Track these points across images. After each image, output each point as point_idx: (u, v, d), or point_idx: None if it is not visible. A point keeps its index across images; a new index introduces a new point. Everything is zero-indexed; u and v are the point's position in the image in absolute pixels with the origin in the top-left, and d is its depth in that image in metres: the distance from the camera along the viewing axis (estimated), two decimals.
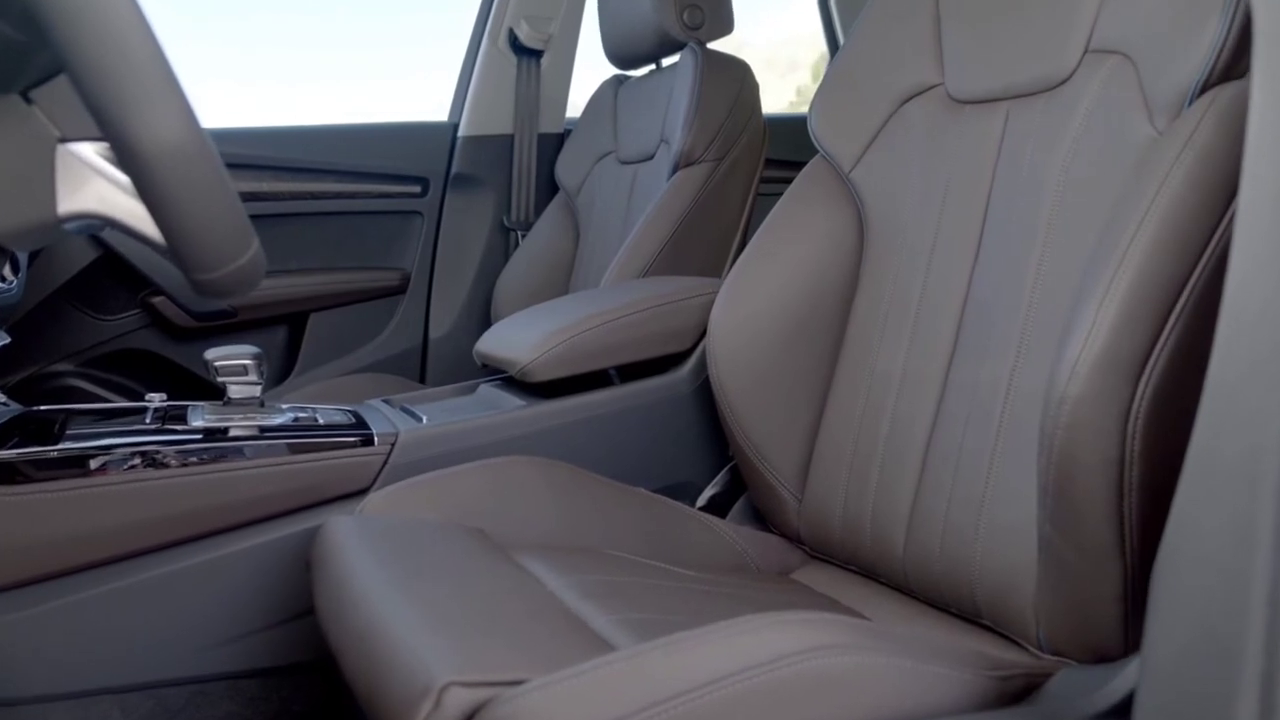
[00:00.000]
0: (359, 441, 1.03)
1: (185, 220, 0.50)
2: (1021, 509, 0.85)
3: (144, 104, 0.47)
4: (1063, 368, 0.71)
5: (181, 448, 0.96)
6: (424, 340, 1.98)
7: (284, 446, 0.99)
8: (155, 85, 0.47)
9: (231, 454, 0.97)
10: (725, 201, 1.57)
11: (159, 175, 0.49)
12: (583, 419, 1.14)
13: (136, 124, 0.47)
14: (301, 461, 0.99)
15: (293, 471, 0.98)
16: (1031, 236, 0.91)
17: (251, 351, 1.02)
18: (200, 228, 0.51)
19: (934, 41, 1.07)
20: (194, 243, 0.52)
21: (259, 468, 0.97)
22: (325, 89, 3.78)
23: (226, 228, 0.52)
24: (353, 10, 3.62)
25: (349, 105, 3.69)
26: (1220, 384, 0.47)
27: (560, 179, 1.97)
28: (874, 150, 1.11)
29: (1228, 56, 0.75)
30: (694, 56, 1.60)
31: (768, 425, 1.10)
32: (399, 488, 0.96)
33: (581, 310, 1.18)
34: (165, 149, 0.48)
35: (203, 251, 0.52)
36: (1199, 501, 0.49)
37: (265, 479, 0.97)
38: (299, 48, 3.89)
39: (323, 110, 3.78)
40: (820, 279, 1.10)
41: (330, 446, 1.01)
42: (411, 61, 4.51)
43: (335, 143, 1.88)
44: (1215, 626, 0.46)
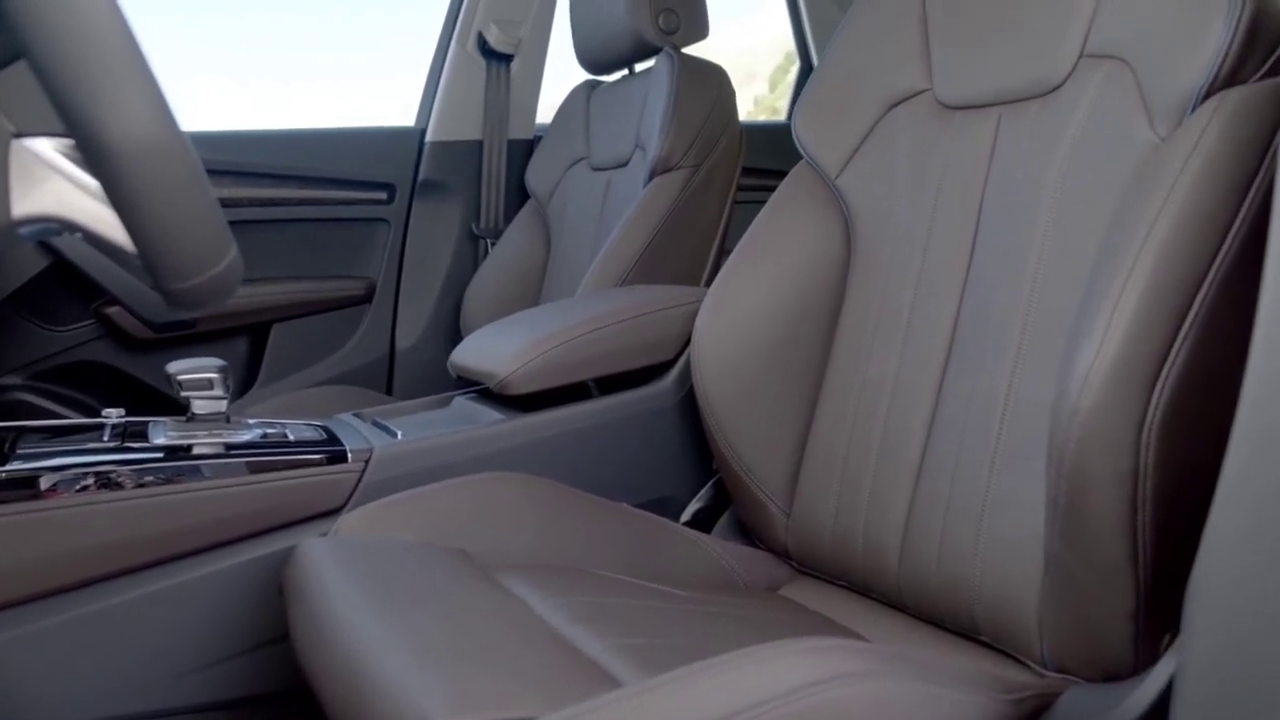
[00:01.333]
0: (331, 458, 0.98)
1: (158, 224, 0.46)
2: (1023, 521, 0.83)
3: (114, 94, 0.42)
4: (1074, 378, 0.69)
5: (142, 467, 0.90)
6: (390, 351, 1.92)
7: (252, 465, 0.94)
8: (126, 73, 0.43)
9: (196, 473, 0.92)
10: (703, 208, 1.54)
11: (130, 174, 0.44)
12: (564, 433, 1.10)
13: (106, 116, 0.43)
14: (271, 480, 0.94)
15: (261, 491, 0.93)
16: (1028, 243, 0.89)
17: (217, 365, 0.97)
18: (175, 232, 0.47)
19: (921, 46, 1.05)
20: (167, 248, 0.47)
21: (225, 488, 0.92)
22: (316, 88, 3.71)
23: (203, 232, 0.48)
24: (344, 8, 3.56)
25: (339, 105, 3.61)
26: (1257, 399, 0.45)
27: (531, 186, 1.93)
28: (860, 156, 1.09)
29: (1233, 61, 0.73)
30: (670, 61, 1.57)
31: (754, 437, 1.07)
32: (375, 507, 0.91)
33: (562, 320, 1.14)
34: (137, 144, 0.44)
35: (177, 258, 0.48)
36: (1236, 515, 0.46)
37: (232, 499, 0.92)
38: (292, 46, 3.82)
39: (315, 110, 3.70)
40: (807, 286, 1.08)
41: (301, 464, 0.96)
42: (389, 61, 4.45)
43: (298, 147, 1.83)
44: (1254, 642, 0.44)
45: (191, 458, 0.93)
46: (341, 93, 3.86)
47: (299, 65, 3.63)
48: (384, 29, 3.55)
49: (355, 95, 3.64)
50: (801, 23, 2.39)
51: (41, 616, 0.87)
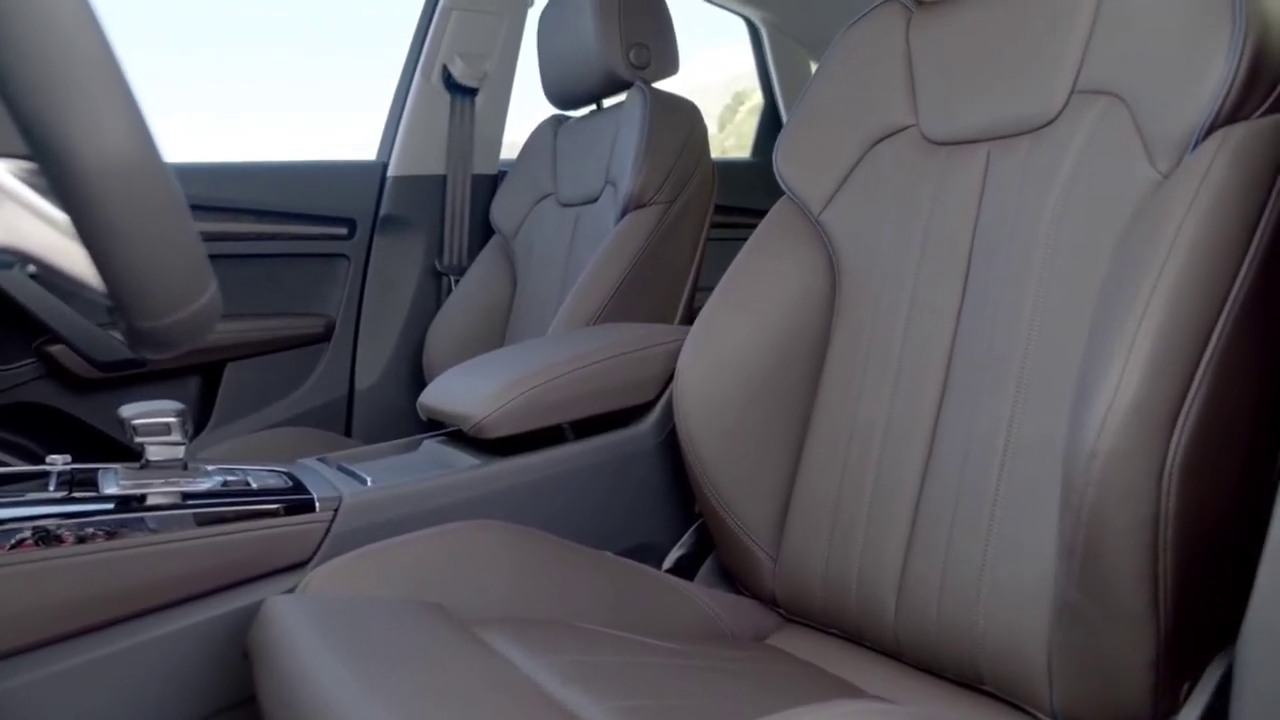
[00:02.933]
0: (297, 508, 0.92)
1: (133, 255, 0.41)
2: (1028, 567, 0.80)
3: (87, 109, 0.38)
4: (1090, 421, 0.66)
5: (92, 519, 0.84)
6: (350, 392, 1.86)
7: (212, 516, 0.88)
8: (101, 85, 0.38)
9: (150, 525, 0.85)
10: (676, 245, 1.51)
11: (103, 199, 0.39)
12: (542, 478, 1.06)
13: (78, 134, 0.38)
14: (232, 533, 0.87)
15: (223, 544, 0.87)
16: (1024, 280, 0.87)
17: (174, 408, 0.91)
18: (151, 264, 0.42)
19: (906, 82, 1.04)
20: (142, 282, 0.42)
21: (183, 541, 0.85)
22: (262, 120, 3.63)
23: (182, 264, 0.43)
24: (294, 45, 3.51)
25: (303, 138, 3.54)
26: None
27: (496, 221, 1.89)
28: (845, 192, 1.07)
29: (1236, 97, 0.73)
30: (642, 96, 1.55)
31: (739, 480, 1.04)
32: (346, 560, 0.85)
33: (539, 360, 1.10)
34: (113, 166, 0.39)
35: (151, 293, 0.43)
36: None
37: (190, 554, 0.86)
38: (238, 79, 3.74)
39: (264, 143, 3.63)
40: (792, 324, 1.05)
41: (265, 514, 0.90)
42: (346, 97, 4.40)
43: (255, 180, 1.77)
44: None
45: (146, 509, 0.87)
46: (302, 125, 3.80)
47: (238, 98, 3.57)
48: (323, 64, 3.52)
49: (316, 128, 3.58)
50: (765, 61, 2.39)
51: None
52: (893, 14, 1.07)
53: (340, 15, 3.63)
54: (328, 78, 4.04)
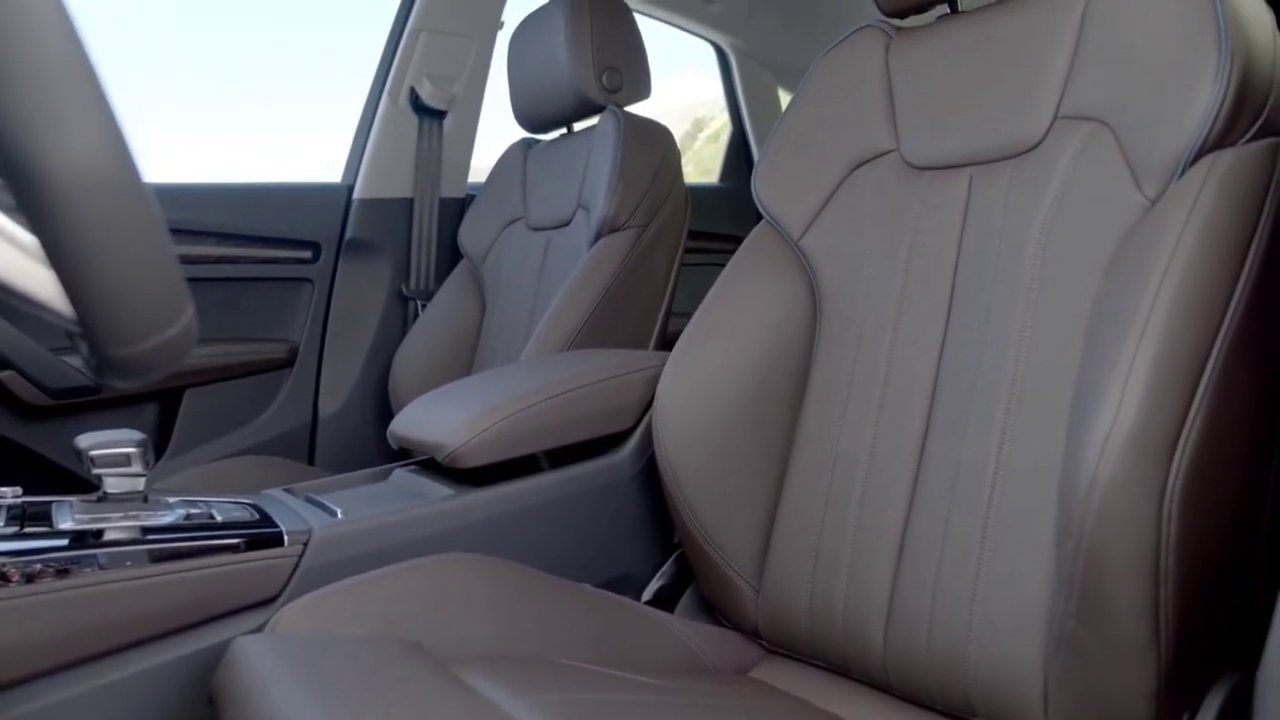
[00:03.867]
0: (265, 542, 0.88)
1: (106, 277, 0.38)
2: (1021, 596, 0.79)
3: (59, 118, 0.35)
4: (1088, 448, 0.65)
5: (43, 556, 0.79)
6: (313, 419, 1.81)
7: (174, 551, 0.83)
8: (75, 93, 0.35)
9: (109, 562, 0.81)
10: (651, 269, 1.49)
11: (75, 215, 0.36)
12: (519, 508, 1.03)
13: (48, 143, 0.35)
14: (195, 568, 0.83)
15: (185, 581, 0.82)
16: (1010, 305, 0.86)
17: (135, 438, 0.87)
18: (125, 288, 0.38)
19: (886, 106, 1.04)
20: (114, 307, 0.39)
21: (142, 578, 0.81)
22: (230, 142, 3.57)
23: (159, 286, 0.40)
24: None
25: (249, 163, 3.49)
26: None
27: (464, 245, 1.86)
28: (825, 218, 1.06)
29: (1223, 123, 0.73)
30: (615, 119, 1.54)
31: (721, 508, 1.02)
32: (317, 597, 0.82)
33: (515, 387, 1.07)
34: (85, 179, 0.36)
35: (125, 318, 0.39)
36: None
37: (150, 592, 0.81)
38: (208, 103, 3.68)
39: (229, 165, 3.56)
40: (773, 350, 1.04)
41: (230, 549, 0.86)
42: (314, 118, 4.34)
43: (217, 202, 1.72)
44: None
45: (103, 544, 0.82)
46: (268, 147, 3.73)
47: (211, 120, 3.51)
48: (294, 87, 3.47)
49: (283, 150, 3.53)
50: (734, 87, 2.40)
51: None
52: (872, 39, 1.07)
53: (307, 37, 3.60)
54: (295, 99, 3.99)
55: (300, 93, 4.10)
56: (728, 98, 2.43)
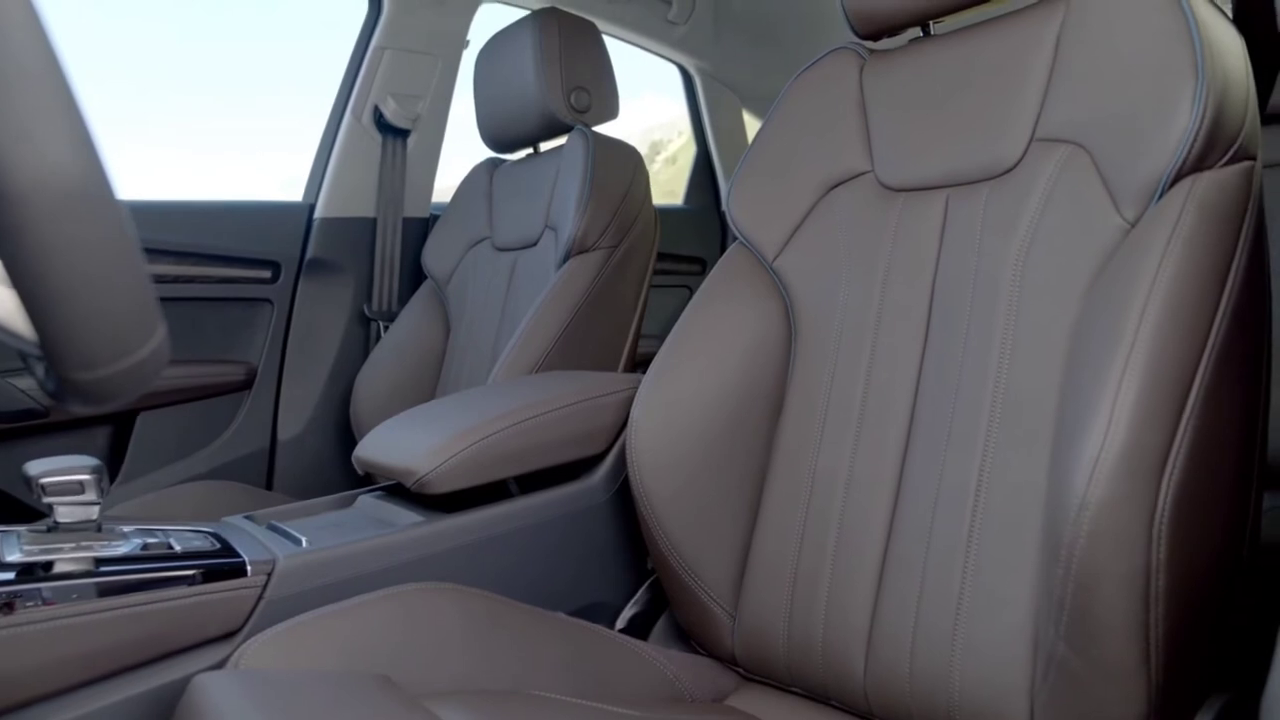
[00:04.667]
0: (227, 572, 0.84)
1: (73, 297, 0.35)
2: (1005, 620, 0.78)
3: (25, 126, 0.32)
4: (1078, 470, 0.65)
5: None
6: (272, 443, 1.76)
7: (130, 583, 0.80)
8: (44, 100, 0.32)
9: (59, 596, 0.77)
10: (620, 291, 1.48)
11: (41, 228, 0.33)
12: (490, 536, 1.00)
13: (12, 154, 0.32)
14: (154, 601, 0.79)
15: (142, 615, 0.79)
16: (989, 326, 0.86)
17: (89, 464, 0.83)
18: (93, 308, 0.36)
19: (860, 128, 1.03)
20: (82, 329, 0.36)
21: (96, 613, 0.77)
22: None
23: (128, 306, 0.37)
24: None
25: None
26: None
27: (428, 266, 1.83)
28: (799, 239, 1.05)
29: (1200, 147, 0.73)
30: (584, 139, 1.52)
31: (697, 534, 1.00)
32: (282, 630, 0.78)
33: (486, 410, 1.05)
34: (55, 190, 0.33)
35: (92, 341, 0.37)
36: None
37: (105, 627, 0.77)
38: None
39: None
40: (748, 372, 1.02)
41: (191, 580, 0.82)
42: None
43: (174, 220, 1.68)
44: None
45: (54, 577, 0.78)
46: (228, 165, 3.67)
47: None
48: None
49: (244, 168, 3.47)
50: (699, 108, 2.40)
51: None
52: (845, 60, 1.07)
53: (264, 54, 3.54)
54: (254, 117, 3.94)
55: (258, 109, 4.04)
56: (692, 120, 2.43)
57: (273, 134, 4.32)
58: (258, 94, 3.68)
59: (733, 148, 2.45)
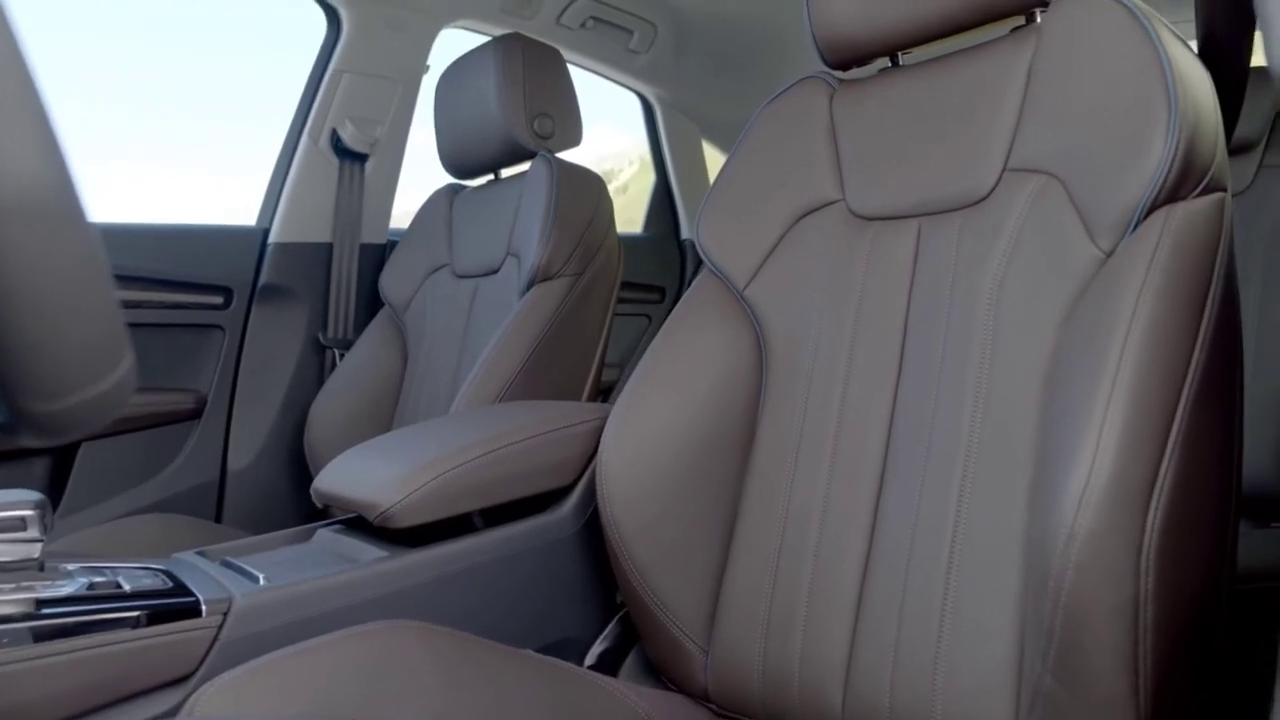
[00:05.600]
0: (179, 612, 0.80)
1: (35, 321, 0.32)
2: (987, 653, 0.77)
3: None
4: (1065, 501, 0.64)
5: None
6: (221, 474, 1.71)
7: (76, 625, 0.75)
8: (8, 104, 0.30)
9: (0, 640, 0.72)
10: (585, 319, 1.46)
11: (3, 244, 0.30)
12: (455, 571, 0.97)
13: None
14: (101, 645, 0.75)
15: (90, 659, 0.74)
16: (964, 356, 0.86)
17: (32, 499, 0.78)
18: (57, 333, 0.33)
19: (830, 156, 1.03)
20: (43, 355, 0.33)
21: (39, 658, 0.73)
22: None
23: (95, 333, 0.34)
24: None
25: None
26: None
27: (385, 293, 1.80)
28: (770, 267, 1.04)
29: (1175, 178, 0.73)
30: (548, 165, 1.51)
31: (668, 566, 0.98)
32: (239, 674, 0.74)
33: (451, 441, 1.02)
34: (15, 206, 0.30)
35: (54, 369, 0.33)
36: None
37: (48, 673, 0.73)
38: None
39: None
40: (719, 402, 1.01)
41: (141, 621, 0.78)
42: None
43: (122, 243, 1.62)
44: None
45: None
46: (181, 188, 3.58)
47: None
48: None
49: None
50: (659, 136, 2.40)
51: None
52: (815, 89, 1.07)
53: (216, 74, 3.49)
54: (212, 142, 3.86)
55: (210, 131, 3.97)
56: (652, 148, 2.43)
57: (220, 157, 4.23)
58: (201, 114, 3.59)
59: (692, 177, 2.46)
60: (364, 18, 1.76)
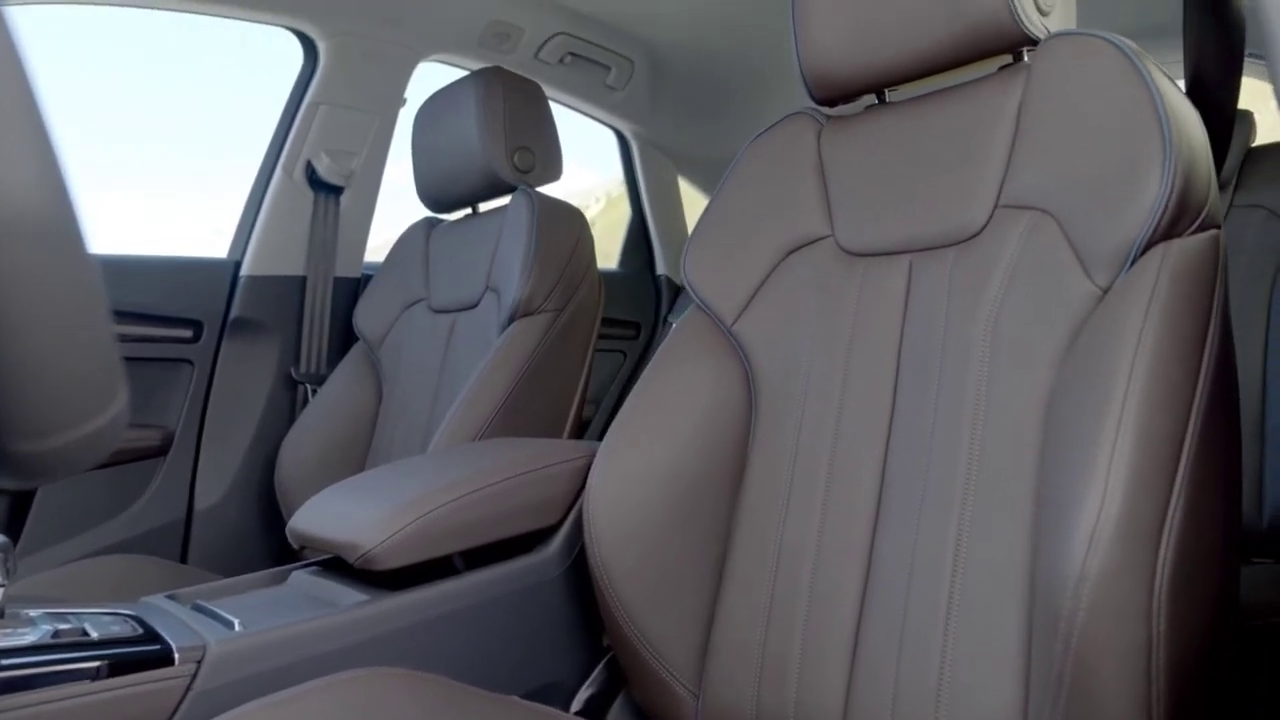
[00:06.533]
0: (150, 661, 0.76)
1: (26, 352, 0.30)
2: (989, 698, 0.75)
3: None
4: (1074, 541, 0.63)
5: None
6: (188, 513, 1.65)
7: (41, 677, 0.71)
8: (7, 115, 0.27)
9: None
10: (566, 354, 1.44)
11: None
12: (439, 614, 0.93)
13: None
14: (69, 697, 0.71)
15: (56, 713, 0.70)
16: (959, 393, 0.85)
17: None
18: (48, 362, 0.30)
19: (819, 192, 1.03)
20: (31, 386, 0.30)
21: (3, 712, 0.69)
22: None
23: (89, 362, 0.32)
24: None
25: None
26: None
27: (359, 327, 1.77)
28: (758, 302, 1.03)
29: (1171, 215, 0.74)
30: (529, 200, 1.50)
31: (657, 608, 0.95)
32: None
33: (434, 479, 0.99)
34: (11, 225, 0.28)
35: (42, 402, 0.31)
36: None
37: None
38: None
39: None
40: (709, 439, 0.99)
41: (109, 671, 0.74)
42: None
43: None
44: None
45: None
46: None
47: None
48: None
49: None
50: (635, 172, 2.40)
51: None
52: (803, 124, 1.07)
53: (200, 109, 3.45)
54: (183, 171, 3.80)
55: (174, 161, 3.91)
56: (628, 184, 2.43)
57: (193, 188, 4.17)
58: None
59: (667, 212, 2.46)
60: (341, 49, 1.75)
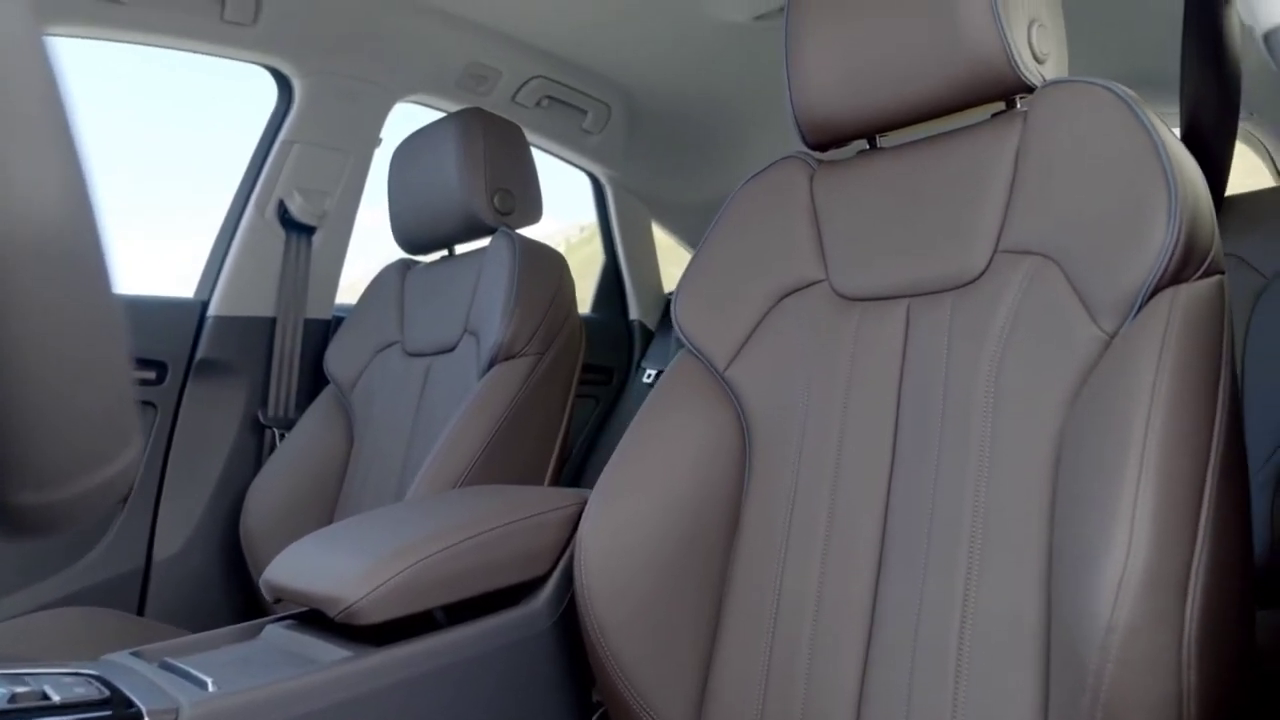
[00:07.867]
0: None
1: (40, 392, 0.26)
2: None
3: (11, 155, 0.24)
4: (1100, 593, 0.61)
5: None
6: (146, 562, 1.58)
7: None
8: (31, 125, 0.24)
9: None
10: (547, 399, 1.41)
11: (9, 296, 0.24)
12: (425, 671, 0.89)
13: None
14: None
15: None
16: (963, 439, 0.83)
17: None
18: (62, 401, 0.27)
19: (812, 236, 1.02)
20: (42, 430, 0.27)
21: None
22: None
23: (105, 401, 0.28)
24: None
25: None
26: None
27: (330, 370, 1.72)
28: (751, 347, 1.02)
29: (1178, 261, 0.73)
30: (510, 242, 1.47)
31: (651, 662, 0.92)
32: None
33: (418, 529, 0.95)
34: (31, 246, 0.24)
35: (53, 448, 0.27)
36: None
37: None
38: None
39: None
40: (702, 486, 0.97)
41: None
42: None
43: None
44: None
45: None
46: None
47: None
48: None
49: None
50: (609, 216, 2.39)
51: None
52: (795, 168, 1.06)
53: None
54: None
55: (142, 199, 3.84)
56: (602, 228, 2.42)
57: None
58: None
59: (641, 258, 2.45)
60: (317, 88, 1.72)
